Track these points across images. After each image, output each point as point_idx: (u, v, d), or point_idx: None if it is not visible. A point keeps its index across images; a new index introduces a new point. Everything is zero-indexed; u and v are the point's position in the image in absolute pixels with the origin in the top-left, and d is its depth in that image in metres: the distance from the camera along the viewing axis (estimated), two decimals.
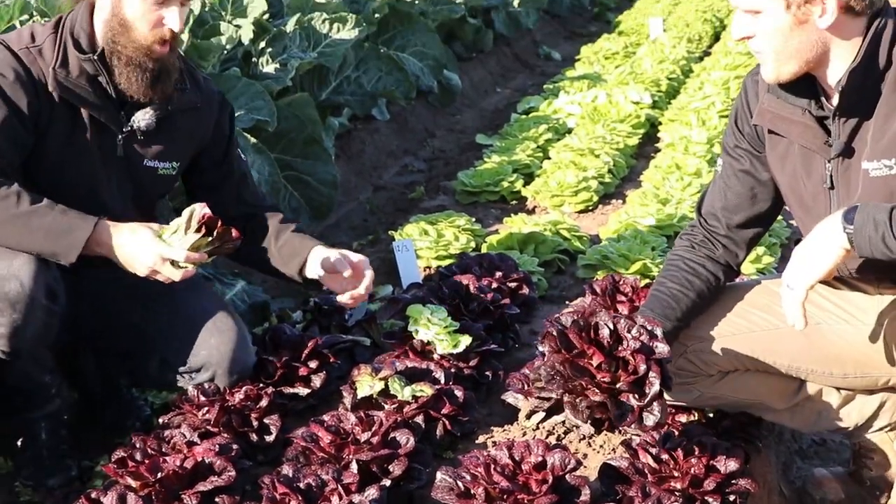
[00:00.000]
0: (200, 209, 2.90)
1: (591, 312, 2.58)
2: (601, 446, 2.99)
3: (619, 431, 2.95)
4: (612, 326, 2.57)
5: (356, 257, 3.21)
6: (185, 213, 2.90)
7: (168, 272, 2.89)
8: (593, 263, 4.34)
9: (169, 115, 3.08)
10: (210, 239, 2.90)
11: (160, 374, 3.14)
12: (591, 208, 5.29)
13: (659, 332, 2.58)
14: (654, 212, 4.75)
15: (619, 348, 2.55)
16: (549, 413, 3.07)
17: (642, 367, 2.50)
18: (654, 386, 2.51)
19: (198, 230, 2.88)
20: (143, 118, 3.03)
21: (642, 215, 4.73)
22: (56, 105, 2.93)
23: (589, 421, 2.58)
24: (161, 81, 2.99)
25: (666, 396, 2.61)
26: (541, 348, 2.65)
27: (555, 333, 2.56)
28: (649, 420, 2.53)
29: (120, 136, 3.03)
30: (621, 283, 3.46)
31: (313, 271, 3.20)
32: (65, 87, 2.92)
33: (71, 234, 2.81)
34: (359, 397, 3.05)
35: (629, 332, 2.56)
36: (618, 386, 2.51)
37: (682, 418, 2.96)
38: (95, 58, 2.94)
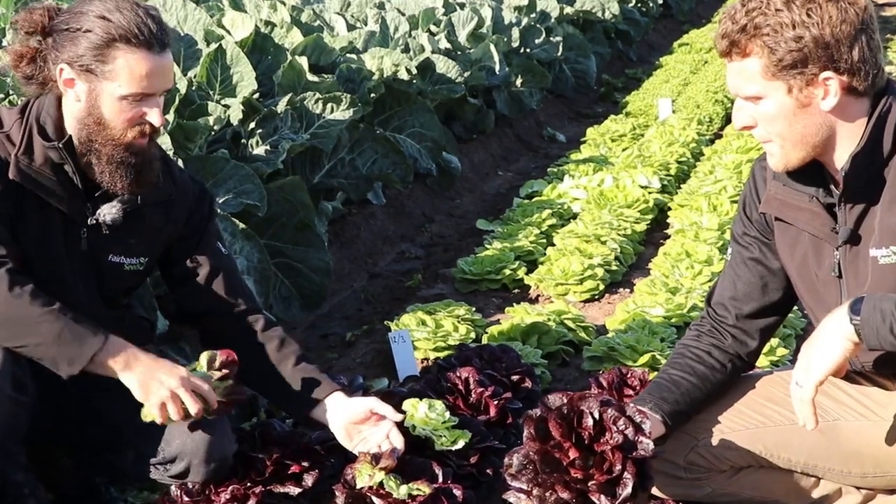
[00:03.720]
0: (223, 353, 3.06)
1: (580, 397, 2.61)
2: None
3: None
4: (597, 416, 2.60)
5: (383, 408, 3.25)
6: (205, 355, 3.05)
7: (187, 401, 2.95)
8: (599, 355, 4.38)
9: (137, 209, 3.12)
10: (231, 383, 3.04)
11: (136, 468, 3.17)
12: (597, 297, 5.34)
13: (647, 425, 2.61)
14: (662, 301, 4.80)
15: (601, 440, 2.57)
16: None
17: (618, 467, 2.53)
18: (627, 488, 2.54)
19: (219, 370, 3.02)
20: (108, 212, 3.07)
21: (651, 305, 4.78)
22: (26, 192, 2.97)
23: None
24: (144, 173, 3.04)
25: (659, 493, 2.62)
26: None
27: (534, 418, 2.59)
28: None
29: (84, 229, 3.08)
30: (629, 375, 3.49)
31: (334, 420, 3.24)
32: (26, 176, 2.95)
33: (78, 345, 2.84)
34: (357, 487, 3.08)
35: (615, 423, 2.59)
36: (589, 484, 2.54)
37: None
38: (61, 146, 2.97)
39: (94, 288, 3.14)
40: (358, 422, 3.26)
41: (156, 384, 2.93)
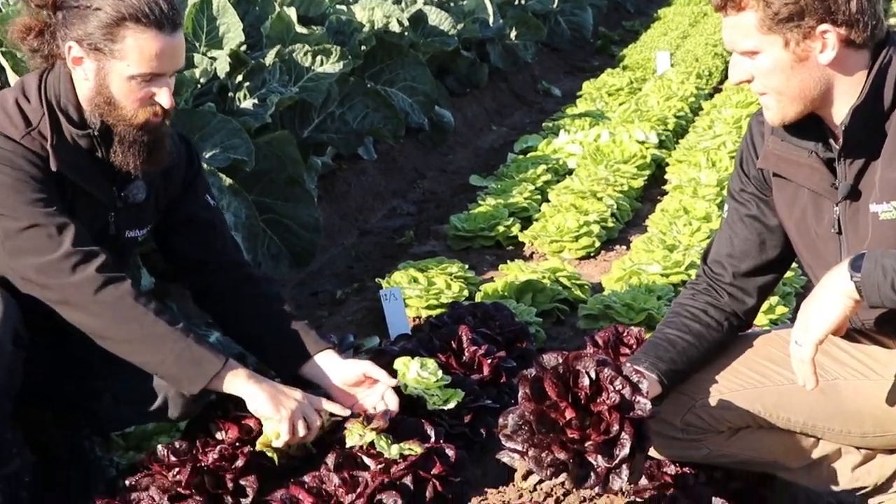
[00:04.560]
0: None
1: (575, 357, 2.61)
2: None
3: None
4: (593, 375, 2.60)
5: (377, 372, 3.28)
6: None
7: (313, 415, 3.09)
8: (595, 314, 4.39)
9: (151, 183, 3.18)
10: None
11: (114, 412, 3.22)
12: (592, 255, 5.35)
13: (644, 385, 2.61)
14: (660, 259, 4.81)
15: (598, 400, 2.58)
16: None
17: (615, 428, 2.54)
18: (625, 448, 2.54)
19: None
20: (136, 193, 3.13)
21: (648, 262, 4.79)
22: (66, 184, 3.01)
23: (554, 478, 2.62)
24: (156, 151, 3.06)
25: (656, 454, 2.63)
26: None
27: (529, 378, 2.59)
28: (615, 483, 2.56)
29: (112, 213, 3.13)
30: (625, 334, 3.48)
31: (326, 379, 3.27)
32: (69, 165, 2.98)
33: (200, 366, 2.98)
34: (347, 446, 3.09)
35: (611, 383, 2.59)
36: (586, 445, 2.54)
37: (670, 469, 3.00)
38: (96, 133, 3.00)
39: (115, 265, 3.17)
40: (352, 384, 3.28)
41: (284, 398, 3.07)
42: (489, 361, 3.64)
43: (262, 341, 3.34)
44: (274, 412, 3.04)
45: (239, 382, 3.04)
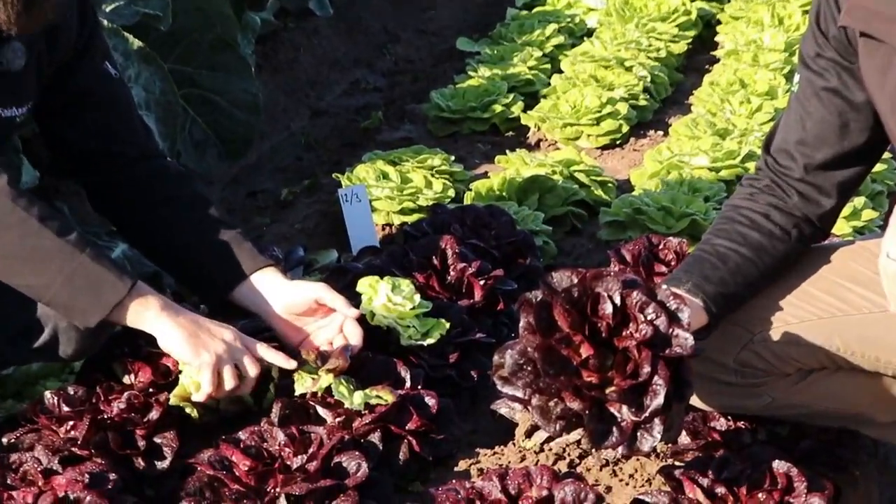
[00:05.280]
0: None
1: (595, 276, 2.59)
2: (631, 476, 3.03)
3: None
4: (618, 301, 2.58)
5: (333, 299, 3.27)
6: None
7: (246, 363, 3.07)
8: (622, 220, 4.39)
9: (31, 45, 3.10)
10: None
11: None
12: (619, 143, 5.34)
13: (684, 314, 2.59)
14: (707, 148, 4.78)
15: (624, 333, 2.56)
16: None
17: (645, 369, 2.52)
18: (658, 397, 2.53)
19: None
20: (13, 57, 3.06)
21: (692, 153, 4.77)
22: None
23: (565, 435, 2.62)
24: (37, 2, 2.95)
25: (700, 405, 2.62)
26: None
27: (534, 303, 2.58)
28: (645, 442, 2.55)
29: None
30: (661, 247, 3.48)
31: (266, 307, 3.28)
32: None
33: (96, 292, 2.96)
34: (297, 393, 3.09)
35: (642, 311, 2.58)
36: (607, 392, 2.54)
37: (719, 424, 3.00)
38: None
39: None
40: (301, 313, 3.29)
41: (208, 338, 3.05)
42: (482, 283, 3.63)
43: (182, 257, 3.34)
44: (193, 356, 3.03)
45: (149, 315, 3.02)
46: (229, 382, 3.06)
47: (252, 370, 3.09)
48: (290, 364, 3.15)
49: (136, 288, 3.00)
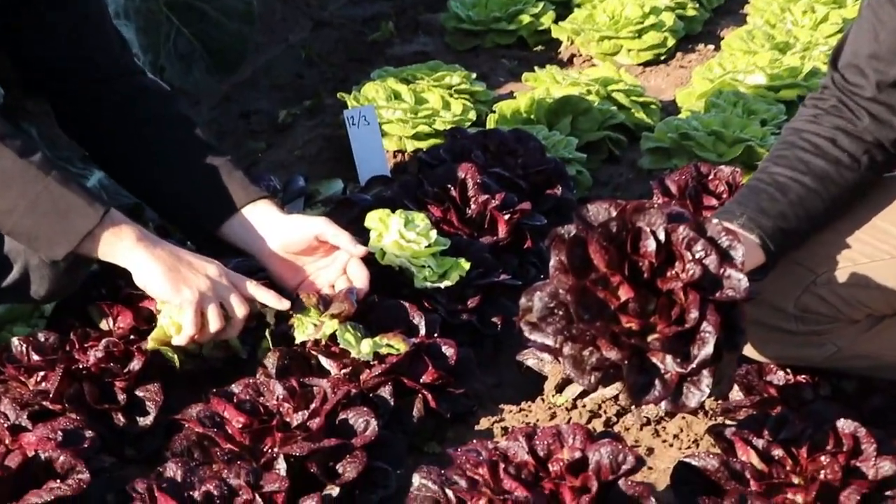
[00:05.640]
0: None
1: (636, 209, 2.58)
2: (675, 436, 3.05)
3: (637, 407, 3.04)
4: (662, 236, 2.56)
5: (336, 235, 3.27)
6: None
7: (233, 302, 3.08)
8: (667, 146, 4.39)
9: None
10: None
11: None
12: (663, 58, 5.35)
13: (738, 251, 2.57)
14: (765, 64, 4.76)
15: (668, 273, 2.54)
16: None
17: (693, 314, 2.51)
18: (706, 346, 2.51)
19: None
20: None
21: (747, 69, 4.75)
22: None
23: (601, 388, 2.61)
24: None
25: (755, 355, 2.60)
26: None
27: (567, 239, 2.57)
28: (692, 397, 2.53)
29: None
30: (711, 177, 3.47)
31: (261, 245, 3.29)
32: None
33: (64, 219, 2.96)
34: (297, 341, 3.10)
35: (689, 248, 2.56)
36: (649, 339, 2.54)
37: (776, 377, 3.00)
38: None
39: None
40: (300, 251, 3.30)
41: (190, 273, 3.05)
42: (506, 217, 3.64)
43: (164, 187, 3.34)
44: (173, 292, 3.04)
45: (123, 246, 3.02)
46: (214, 323, 3.06)
47: (240, 310, 3.10)
48: (284, 304, 3.16)
49: (109, 216, 3.00)
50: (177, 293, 3.03)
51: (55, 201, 2.95)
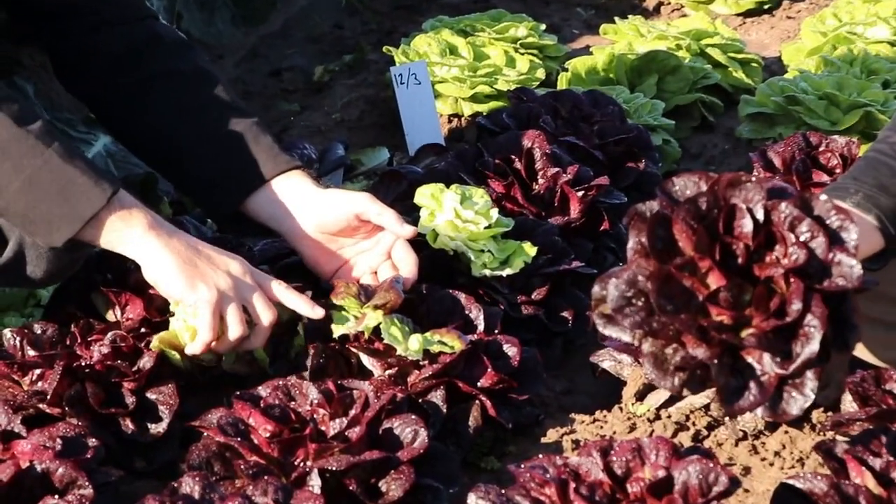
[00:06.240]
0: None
1: (731, 183, 2.57)
2: (777, 453, 3.02)
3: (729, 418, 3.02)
4: (761, 215, 2.56)
5: (380, 213, 3.28)
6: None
7: (258, 305, 3.09)
8: (770, 112, 4.38)
9: None
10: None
11: None
12: (767, 7, 5.36)
13: (850, 233, 2.56)
14: (889, 14, 4.75)
15: (767, 258, 2.54)
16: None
17: (795, 306, 2.51)
18: (812, 342, 2.50)
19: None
20: None
21: (867, 21, 4.75)
22: None
23: (687, 392, 2.60)
24: None
25: (869, 358, 2.59)
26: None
27: (648, 217, 2.57)
28: (793, 403, 2.52)
29: None
30: (822, 148, 3.45)
31: (292, 224, 3.30)
32: None
33: (68, 199, 2.98)
34: (335, 336, 3.11)
35: (793, 228, 2.56)
36: (743, 336, 2.53)
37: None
38: None
39: None
40: (338, 231, 3.31)
41: (209, 268, 3.06)
42: (580, 194, 3.64)
43: (180, 154, 3.36)
44: (188, 290, 3.05)
45: (132, 235, 3.04)
46: (235, 328, 3.07)
47: (266, 315, 3.10)
48: (317, 313, 3.15)
49: (118, 198, 3.01)
50: (192, 290, 3.04)
51: (56, 179, 2.97)
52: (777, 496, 2.68)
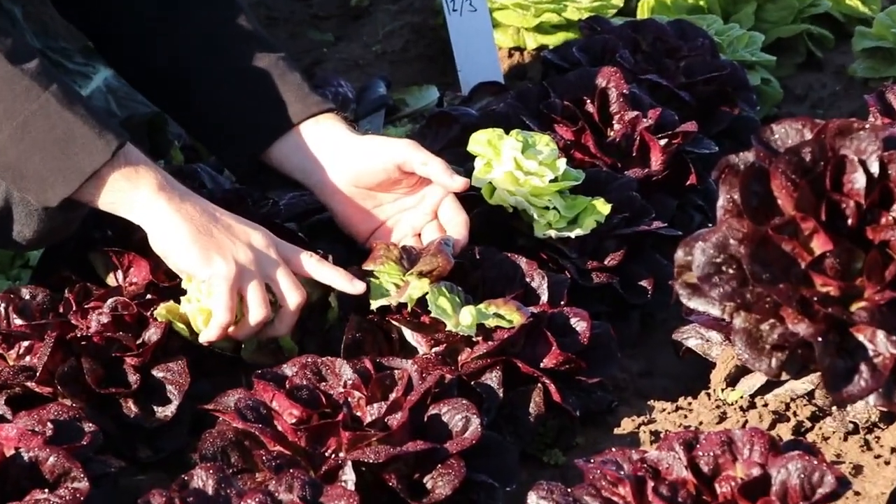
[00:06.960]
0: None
1: (840, 130, 2.56)
2: (893, 449, 3.03)
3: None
4: (875, 169, 2.58)
5: (425, 163, 3.30)
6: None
7: (284, 283, 3.11)
8: (890, 47, 4.40)
9: None
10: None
11: None
12: None
13: None
14: None
15: (881, 221, 2.57)
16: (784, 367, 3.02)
17: None
18: None
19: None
20: None
21: None
22: None
23: (786, 375, 2.61)
24: None
25: None
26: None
27: (742, 170, 2.58)
28: None
29: None
30: None
31: (322, 176, 3.33)
32: None
33: (65, 152, 3.02)
34: (372, 307, 3.15)
35: None
36: (852, 310, 2.55)
37: None
38: None
39: None
40: (376, 185, 3.35)
41: (227, 238, 3.09)
42: (663, 142, 3.68)
43: (192, 92, 3.41)
44: (202, 263, 3.09)
45: (139, 196, 3.08)
46: (256, 310, 3.10)
47: (292, 296, 3.13)
48: (357, 287, 3.16)
49: (124, 153, 3.05)
50: (207, 264, 3.08)
51: (52, 126, 3.01)
52: (894, 500, 2.73)
